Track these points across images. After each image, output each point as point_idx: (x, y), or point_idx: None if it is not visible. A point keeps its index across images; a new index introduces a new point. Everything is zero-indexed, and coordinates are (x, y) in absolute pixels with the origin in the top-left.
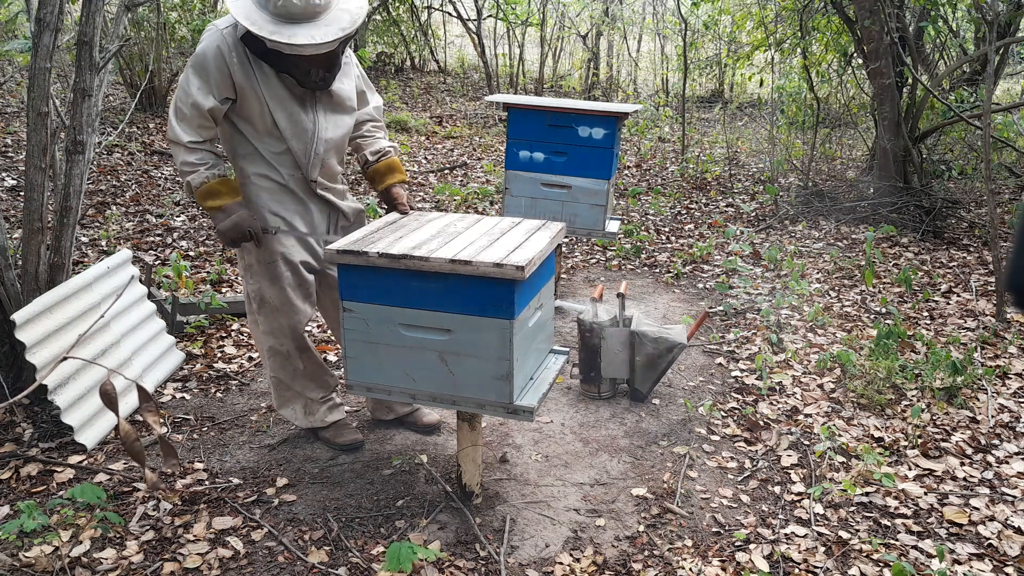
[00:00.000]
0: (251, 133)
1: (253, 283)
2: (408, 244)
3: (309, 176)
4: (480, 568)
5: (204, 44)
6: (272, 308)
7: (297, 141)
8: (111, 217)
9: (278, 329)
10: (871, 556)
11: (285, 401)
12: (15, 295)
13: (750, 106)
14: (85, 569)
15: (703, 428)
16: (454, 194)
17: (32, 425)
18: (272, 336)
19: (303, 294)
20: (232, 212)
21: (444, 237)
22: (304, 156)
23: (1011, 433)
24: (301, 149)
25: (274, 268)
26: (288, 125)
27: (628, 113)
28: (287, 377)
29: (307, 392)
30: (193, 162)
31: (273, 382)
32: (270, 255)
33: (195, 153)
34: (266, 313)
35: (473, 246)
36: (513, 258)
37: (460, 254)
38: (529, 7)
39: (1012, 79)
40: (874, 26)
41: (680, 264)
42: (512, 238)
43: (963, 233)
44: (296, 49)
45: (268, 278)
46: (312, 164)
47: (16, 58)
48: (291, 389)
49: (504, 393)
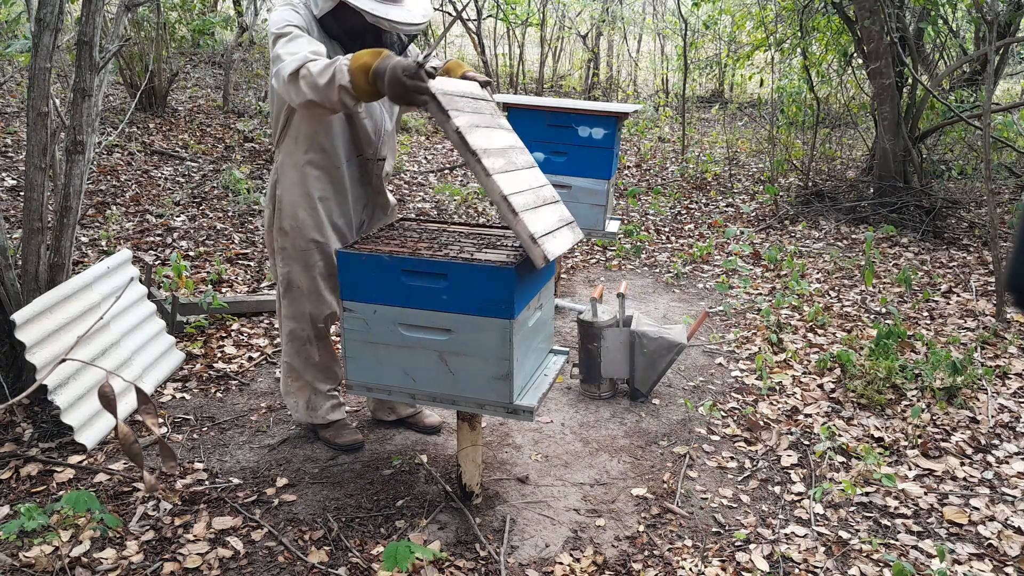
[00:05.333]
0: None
1: (284, 266)
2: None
3: (379, 154)
4: (480, 568)
5: (285, 13)
6: (299, 293)
7: (368, 119)
8: (111, 217)
9: (300, 314)
10: (871, 556)
11: (291, 391)
12: (15, 295)
13: (750, 106)
14: (85, 569)
15: (703, 428)
16: (454, 194)
17: (32, 425)
18: (293, 320)
19: (332, 285)
20: (388, 62)
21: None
22: (375, 134)
23: (1011, 433)
24: (372, 126)
25: (309, 255)
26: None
27: (628, 113)
28: (300, 365)
29: (316, 383)
30: (323, 66)
31: (285, 368)
32: (306, 242)
33: (319, 61)
34: (292, 297)
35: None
36: (547, 246)
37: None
38: (529, 7)
39: (1012, 79)
40: (874, 26)
41: (680, 264)
42: (549, 216)
43: (963, 233)
44: (397, 26)
45: (302, 264)
46: (382, 142)
47: (16, 58)
48: (301, 378)
49: (504, 393)
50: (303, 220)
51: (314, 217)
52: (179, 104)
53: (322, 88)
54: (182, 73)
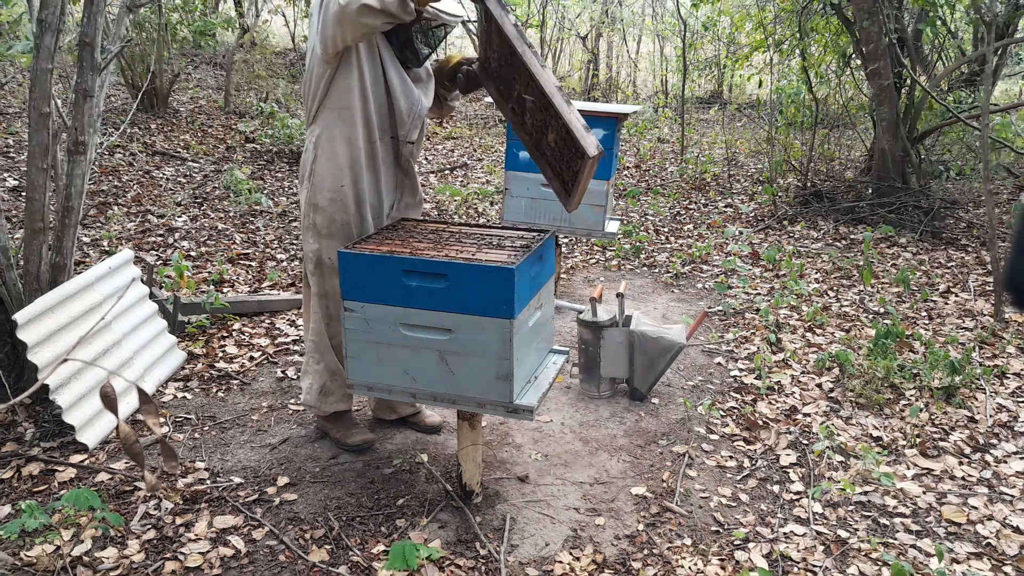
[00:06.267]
0: (357, 82)
1: (314, 243)
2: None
3: (409, 137)
4: (480, 567)
5: None
6: (331, 269)
7: (404, 99)
8: (113, 217)
9: (329, 293)
10: (870, 555)
11: (310, 371)
12: (17, 295)
13: (749, 107)
14: (86, 568)
15: (702, 427)
16: (455, 194)
17: (34, 424)
18: (323, 297)
19: None
20: None
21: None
22: (408, 115)
23: (1009, 432)
24: (407, 108)
25: (348, 230)
26: (399, 83)
27: (627, 114)
28: (323, 345)
29: (336, 364)
30: None
31: (310, 346)
32: (347, 215)
33: None
34: (322, 274)
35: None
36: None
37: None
38: (529, 8)
39: (1010, 80)
40: (872, 27)
41: (679, 264)
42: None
43: (961, 233)
44: (448, 18)
45: (340, 239)
46: (413, 125)
47: (18, 59)
48: (322, 360)
49: (504, 392)
50: (345, 193)
51: (355, 190)
52: (180, 105)
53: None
54: (184, 74)
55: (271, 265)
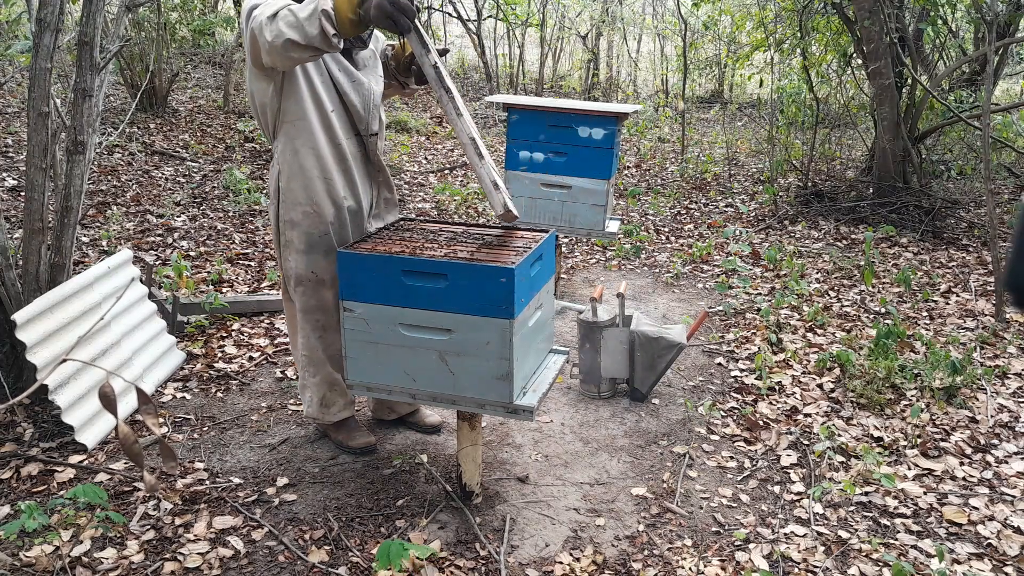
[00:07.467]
0: (307, 90)
1: (292, 261)
2: None
3: (370, 129)
4: (480, 567)
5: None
6: (315, 283)
7: (355, 95)
8: (112, 217)
9: (317, 306)
10: (870, 556)
11: (308, 385)
12: (16, 295)
13: (750, 106)
14: (86, 569)
15: (703, 428)
16: (454, 194)
17: (33, 425)
18: (311, 312)
19: None
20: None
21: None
22: (364, 109)
23: (1010, 433)
24: (360, 102)
25: (327, 240)
26: (345, 80)
27: (628, 113)
28: (316, 358)
29: (334, 375)
30: (304, 3)
31: (304, 361)
32: (325, 225)
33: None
34: (306, 290)
35: None
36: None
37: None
38: (529, 8)
39: (1011, 79)
40: (873, 26)
41: (680, 264)
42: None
43: (962, 233)
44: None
45: (321, 251)
46: (372, 116)
47: (17, 58)
48: (318, 373)
49: (504, 393)
50: (320, 204)
51: (331, 199)
52: (180, 104)
53: (302, 21)
54: (183, 73)
55: (270, 265)
